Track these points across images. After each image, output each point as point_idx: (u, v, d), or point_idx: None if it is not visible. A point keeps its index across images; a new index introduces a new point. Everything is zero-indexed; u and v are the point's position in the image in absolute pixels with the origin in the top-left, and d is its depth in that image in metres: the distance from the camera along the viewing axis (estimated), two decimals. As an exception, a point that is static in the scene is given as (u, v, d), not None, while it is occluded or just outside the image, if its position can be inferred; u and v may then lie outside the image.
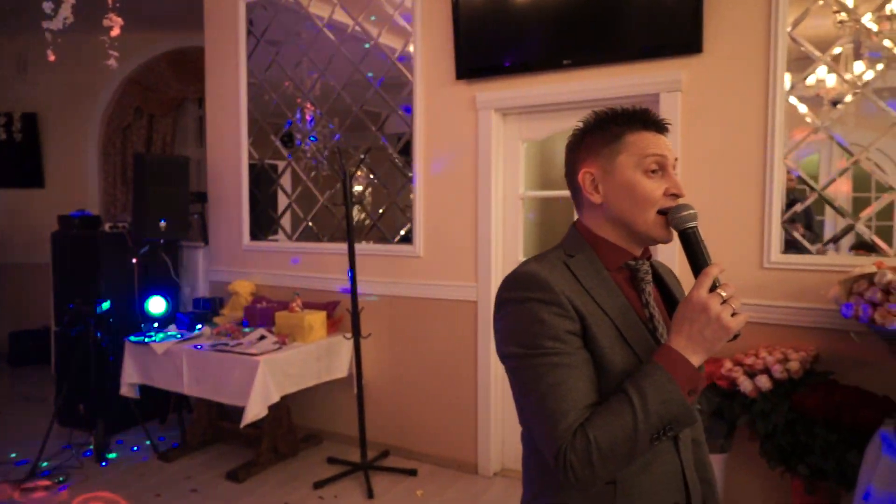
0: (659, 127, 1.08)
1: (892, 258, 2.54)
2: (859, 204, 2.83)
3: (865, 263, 2.35)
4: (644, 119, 1.08)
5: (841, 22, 2.66)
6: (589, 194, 1.09)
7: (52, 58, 2.47)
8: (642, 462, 1.03)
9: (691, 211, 1.02)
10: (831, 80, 2.81)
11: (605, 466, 0.94)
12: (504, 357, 1.04)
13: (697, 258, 1.01)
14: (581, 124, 1.13)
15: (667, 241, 1.07)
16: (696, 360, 0.95)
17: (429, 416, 3.70)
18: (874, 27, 2.61)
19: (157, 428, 4.24)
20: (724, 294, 0.94)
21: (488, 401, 3.49)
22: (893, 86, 2.69)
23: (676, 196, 1.05)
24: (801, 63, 2.74)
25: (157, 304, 4.02)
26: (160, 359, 3.61)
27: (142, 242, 4.10)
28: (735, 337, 0.97)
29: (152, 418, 4.29)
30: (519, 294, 1.02)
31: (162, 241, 4.15)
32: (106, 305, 3.86)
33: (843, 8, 2.64)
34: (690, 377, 0.94)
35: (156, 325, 3.92)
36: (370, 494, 3.27)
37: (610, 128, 1.08)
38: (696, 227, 1.02)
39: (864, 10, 2.65)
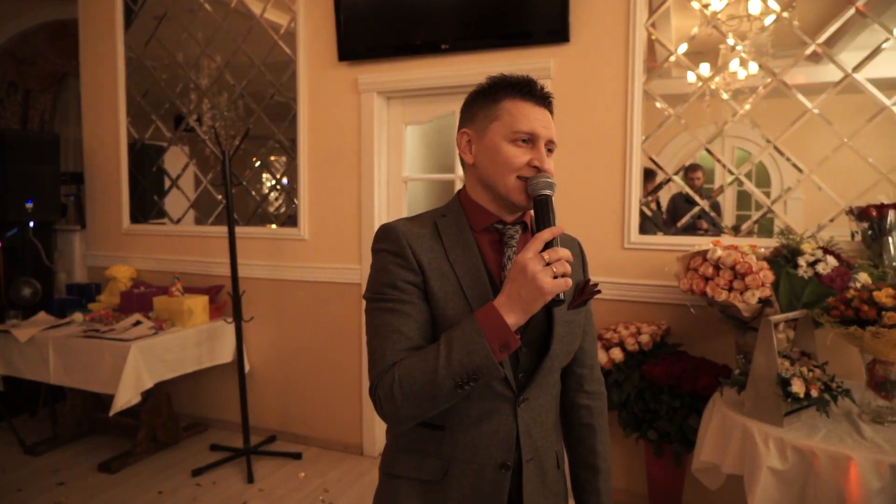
0: (539, 99, 1.12)
1: (730, 238, 2.76)
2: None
3: (705, 242, 2.55)
4: (526, 87, 1.12)
5: (712, 24, 2.84)
6: (463, 153, 1.16)
7: None
8: (475, 417, 1.10)
9: (548, 180, 1.07)
10: (742, 74, 2.98)
11: (408, 404, 1.00)
12: (364, 299, 1.14)
13: (542, 224, 1.04)
14: (474, 89, 1.18)
15: (525, 206, 1.11)
16: (511, 318, 0.98)
17: (315, 399, 3.70)
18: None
19: (26, 422, 4.00)
20: (546, 257, 0.96)
21: (373, 382, 3.51)
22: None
23: (538, 169, 1.09)
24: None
25: (24, 291, 3.77)
26: (24, 347, 3.40)
27: (6, 225, 3.84)
28: (558, 302, 0.99)
29: (22, 411, 4.05)
30: (376, 245, 1.13)
31: (31, 223, 3.89)
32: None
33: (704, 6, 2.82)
34: (501, 333, 0.97)
35: (22, 312, 3.69)
36: (250, 479, 3.24)
37: (492, 92, 1.13)
38: (549, 195, 1.06)
39: (726, 12, 2.84)
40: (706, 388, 2.49)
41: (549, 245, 0.98)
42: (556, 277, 0.96)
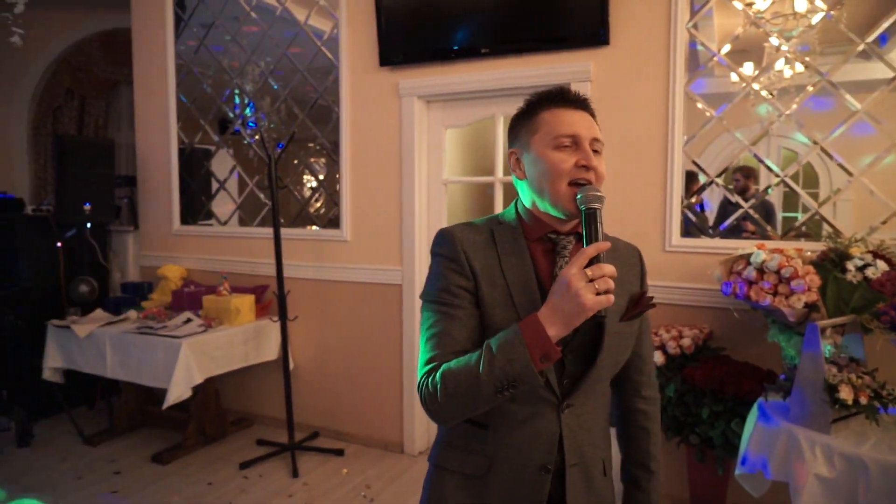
0: (574, 103, 1.15)
1: (777, 241, 2.72)
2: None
3: (749, 245, 2.51)
4: (559, 97, 1.15)
5: (754, 23, 2.80)
6: (514, 171, 1.20)
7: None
8: (519, 418, 1.13)
9: (598, 193, 1.07)
10: (788, 73, 2.92)
11: (449, 403, 1.05)
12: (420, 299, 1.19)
13: (589, 237, 1.05)
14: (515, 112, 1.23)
15: (576, 215, 1.11)
16: (553, 330, 1.00)
17: (357, 397, 3.77)
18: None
19: (85, 413, 4.20)
20: (590, 273, 0.98)
21: (413, 382, 3.58)
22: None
23: (586, 168, 1.10)
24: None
25: (81, 288, 3.96)
26: (83, 342, 3.58)
27: (66, 226, 4.03)
28: (599, 317, 1.01)
29: (80, 404, 4.25)
30: (434, 248, 1.18)
31: (88, 224, 4.08)
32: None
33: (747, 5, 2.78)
34: (542, 344, 1.00)
35: (80, 309, 3.87)
36: (295, 473, 3.34)
37: (529, 109, 1.18)
38: (598, 209, 1.06)
39: (771, 10, 2.79)
40: (750, 393, 2.47)
41: (594, 261, 1.00)
42: (598, 294, 0.98)
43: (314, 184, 4.00)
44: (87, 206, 3.92)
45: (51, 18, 5.53)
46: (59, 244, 4.06)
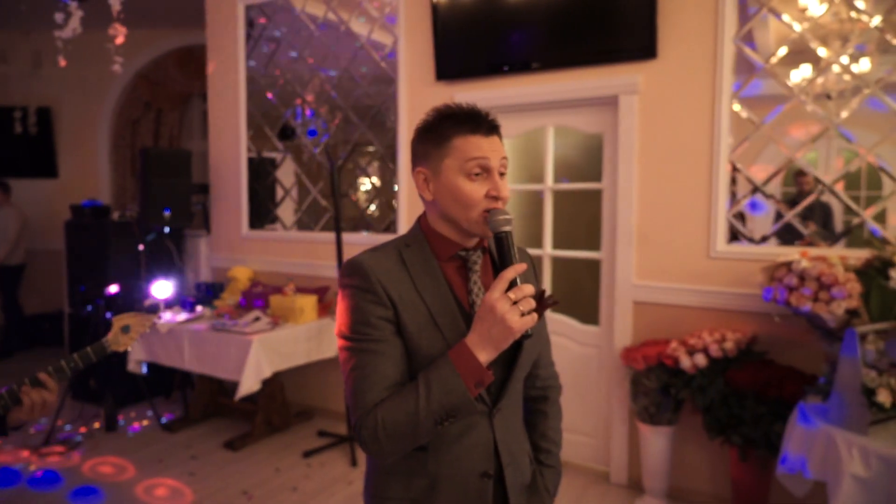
0: (486, 129, 1.13)
1: (824, 248, 2.77)
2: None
3: (793, 252, 2.59)
4: (472, 122, 1.13)
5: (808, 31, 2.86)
6: (422, 191, 1.18)
7: (63, 63, 2.75)
8: (455, 434, 1.15)
9: (506, 216, 1.10)
10: (853, 68, 2.93)
11: (392, 444, 1.06)
12: (337, 336, 1.17)
13: (504, 261, 1.08)
14: (421, 123, 1.19)
15: (489, 237, 1.15)
16: (483, 356, 1.04)
17: (411, 393, 3.98)
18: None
19: (162, 402, 4.56)
20: (513, 296, 1.02)
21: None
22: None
23: (496, 198, 1.12)
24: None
25: (161, 288, 4.31)
26: (164, 338, 3.92)
27: (148, 231, 4.40)
28: (527, 336, 1.05)
29: (158, 394, 4.62)
30: (345, 280, 1.14)
31: (167, 229, 4.44)
32: (113, 289, 4.17)
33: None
34: (475, 372, 1.04)
35: (161, 307, 4.22)
36: (354, 462, 3.57)
37: (441, 130, 1.15)
38: (508, 232, 1.09)
39: (828, 13, 2.83)
40: (793, 396, 2.54)
41: (513, 283, 1.03)
42: (523, 315, 1.02)
43: (367, 187, 4.24)
44: (168, 213, 4.27)
45: (132, 37, 5.98)
46: (140, 247, 4.43)
